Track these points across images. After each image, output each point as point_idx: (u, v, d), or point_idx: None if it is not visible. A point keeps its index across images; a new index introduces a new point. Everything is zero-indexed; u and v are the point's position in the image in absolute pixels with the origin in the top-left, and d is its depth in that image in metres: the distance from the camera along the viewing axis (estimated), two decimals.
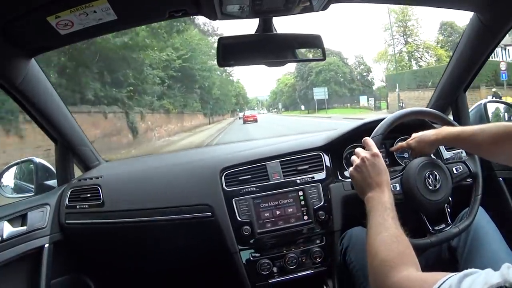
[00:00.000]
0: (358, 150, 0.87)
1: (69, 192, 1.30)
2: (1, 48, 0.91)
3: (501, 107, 1.48)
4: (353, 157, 0.87)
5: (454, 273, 0.48)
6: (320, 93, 30.35)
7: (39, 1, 0.79)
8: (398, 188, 0.92)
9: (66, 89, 8.95)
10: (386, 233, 0.68)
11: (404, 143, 1.05)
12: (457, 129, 0.94)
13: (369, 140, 0.87)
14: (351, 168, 0.86)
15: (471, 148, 0.94)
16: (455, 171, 0.97)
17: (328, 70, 32.26)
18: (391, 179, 0.89)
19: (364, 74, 34.30)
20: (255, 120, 25.24)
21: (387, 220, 0.71)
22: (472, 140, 0.87)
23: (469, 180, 0.99)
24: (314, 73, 33.39)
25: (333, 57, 33.00)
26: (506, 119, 1.48)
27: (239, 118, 34.07)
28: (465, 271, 0.47)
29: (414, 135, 1.02)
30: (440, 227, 0.93)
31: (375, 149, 0.84)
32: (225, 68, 19.42)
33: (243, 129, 19.59)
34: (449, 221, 0.95)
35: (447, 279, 0.48)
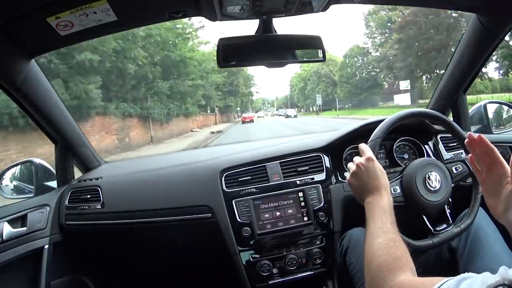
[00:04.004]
0: (356, 157, 0.88)
1: (69, 193, 1.30)
2: (1, 48, 0.91)
3: (501, 107, 1.48)
4: (350, 164, 0.88)
5: (452, 277, 0.48)
6: None
7: (39, 2, 0.79)
8: (398, 191, 0.93)
9: None
10: (384, 237, 0.68)
11: None
12: None
13: (363, 146, 0.88)
14: (348, 176, 0.87)
15: None
16: (454, 171, 0.97)
17: None
18: (391, 182, 0.90)
19: None
20: (252, 121, 25.61)
21: (385, 224, 0.71)
22: None
23: (469, 180, 0.99)
24: None
25: None
26: (506, 119, 1.48)
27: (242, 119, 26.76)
28: (463, 275, 0.48)
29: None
30: (441, 228, 0.93)
31: (369, 153, 0.85)
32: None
33: None
34: (450, 221, 0.95)
35: (444, 282, 0.48)
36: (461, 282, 0.46)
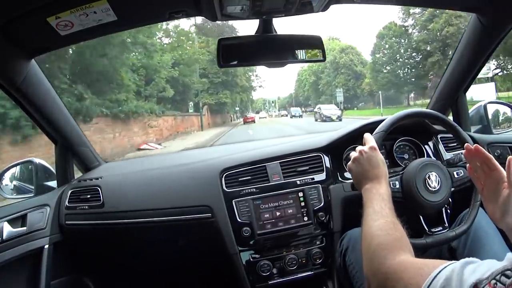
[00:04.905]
0: (358, 146, 0.88)
1: (69, 193, 1.30)
2: (1, 48, 0.91)
3: (501, 108, 1.48)
4: (352, 152, 0.88)
5: (455, 261, 0.48)
6: None
7: (39, 2, 0.79)
8: (397, 186, 0.93)
9: None
10: (383, 220, 0.68)
11: None
12: None
13: (368, 135, 0.89)
14: (349, 162, 0.87)
15: None
16: (455, 175, 0.97)
17: None
18: (390, 177, 0.90)
19: None
20: (253, 121, 25.59)
21: (384, 209, 0.71)
22: None
23: (469, 183, 0.99)
24: None
25: None
26: (506, 119, 1.48)
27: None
28: (467, 259, 0.48)
29: None
30: (437, 229, 0.93)
31: (373, 143, 0.85)
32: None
33: None
34: (446, 224, 0.95)
35: (448, 265, 0.48)
36: (466, 265, 0.46)
